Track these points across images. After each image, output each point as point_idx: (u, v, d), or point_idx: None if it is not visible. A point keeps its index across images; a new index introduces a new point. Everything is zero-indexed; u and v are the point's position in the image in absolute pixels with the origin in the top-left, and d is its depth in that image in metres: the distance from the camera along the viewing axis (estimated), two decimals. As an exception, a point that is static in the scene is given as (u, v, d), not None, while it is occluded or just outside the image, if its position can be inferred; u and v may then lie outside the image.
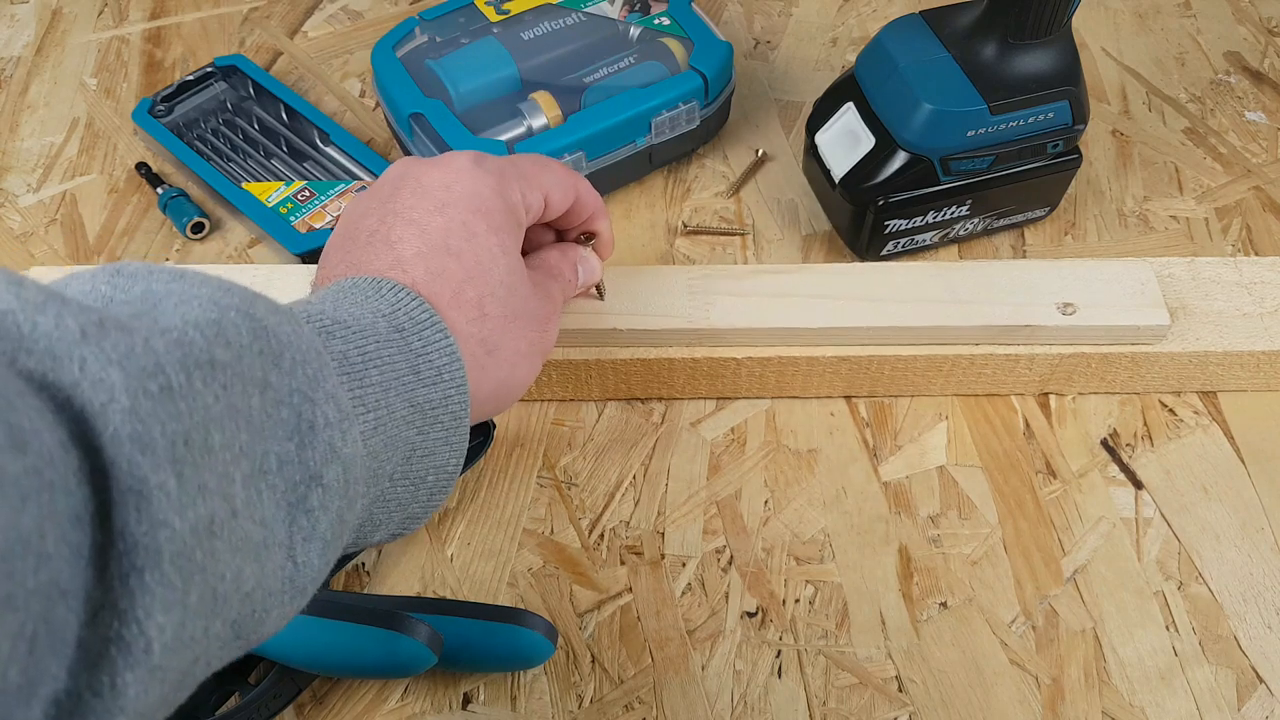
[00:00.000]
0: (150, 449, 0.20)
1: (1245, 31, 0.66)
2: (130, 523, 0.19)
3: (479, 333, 0.34)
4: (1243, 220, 0.55)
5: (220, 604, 0.22)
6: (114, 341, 0.20)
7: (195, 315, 0.23)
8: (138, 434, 0.20)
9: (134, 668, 0.19)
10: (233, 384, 0.23)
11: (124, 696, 0.19)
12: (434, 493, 0.32)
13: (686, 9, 0.57)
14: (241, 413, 0.23)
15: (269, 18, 0.69)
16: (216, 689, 0.38)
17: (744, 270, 0.48)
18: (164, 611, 0.20)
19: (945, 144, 0.47)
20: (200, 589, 0.21)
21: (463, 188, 0.35)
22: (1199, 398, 0.48)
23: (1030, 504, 0.45)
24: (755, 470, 0.46)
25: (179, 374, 0.21)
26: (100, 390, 0.20)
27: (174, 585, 0.20)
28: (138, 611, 0.19)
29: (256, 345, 0.24)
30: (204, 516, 0.21)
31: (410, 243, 0.34)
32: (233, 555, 0.22)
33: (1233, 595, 0.42)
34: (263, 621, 0.24)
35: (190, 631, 0.21)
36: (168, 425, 0.20)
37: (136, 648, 0.19)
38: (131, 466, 0.19)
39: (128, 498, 0.19)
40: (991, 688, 0.40)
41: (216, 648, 0.23)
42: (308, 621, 0.36)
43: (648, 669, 0.41)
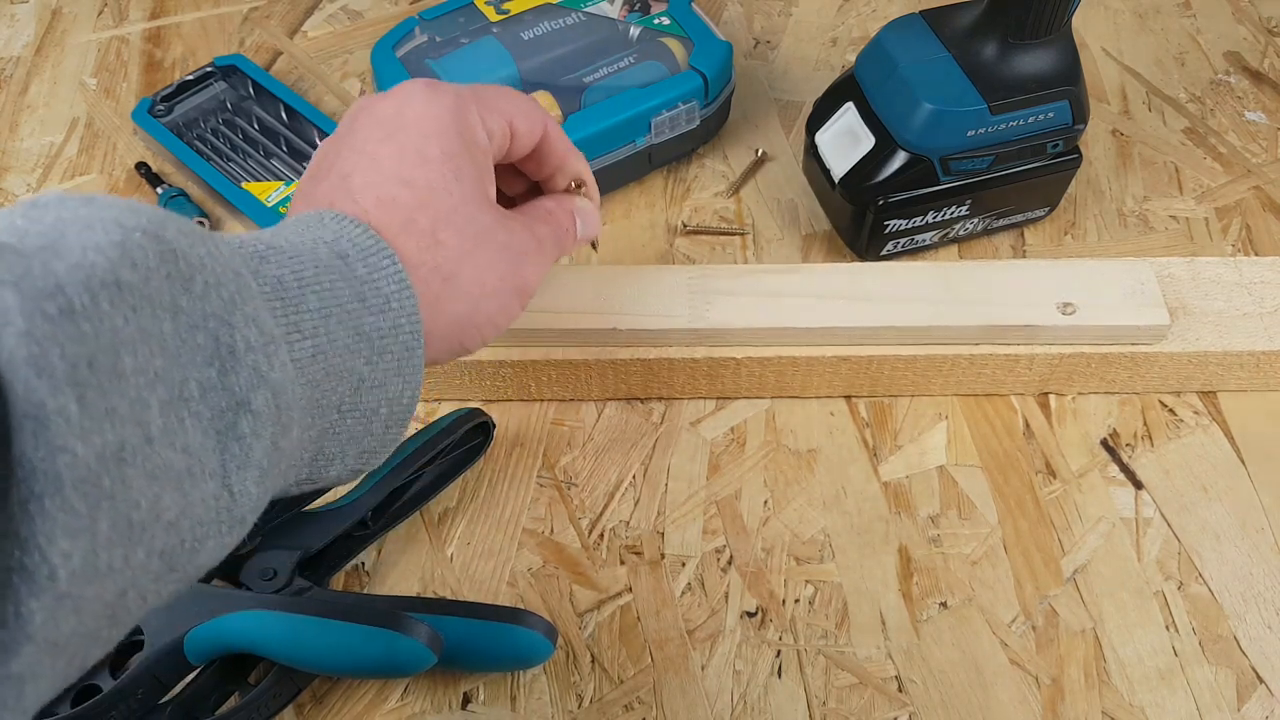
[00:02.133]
0: (48, 372, 0.19)
1: (1245, 31, 0.66)
2: (28, 449, 0.19)
3: (432, 260, 0.32)
4: (1243, 220, 0.55)
5: (138, 532, 0.21)
6: (9, 264, 0.20)
7: (98, 239, 0.22)
8: (34, 356, 0.19)
9: (38, 595, 0.19)
10: (141, 307, 0.22)
11: (30, 624, 0.19)
12: (389, 426, 0.31)
13: (686, 9, 0.57)
14: (154, 337, 0.22)
15: (269, 18, 0.69)
16: (216, 689, 0.38)
17: (744, 270, 0.48)
18: (68, 538, 0.19)
19: (945, 144, 0.47)
20: (111, 516, 0.20)
21: (414, 112, 0.34)
22: (1199, 398, 0.48)
23: (1030, 504, 0.45)
24: (755, 470, 0.46)
25: (81, 295, 0.20)
26: None
27: (78, 512, 0.19)
28: (39, 539, 0.19)
29: (164, 268, 0.23)
30: (112, 442, 0.20)
31: (361, 174, 0.33)
32: (149, 483, 0.21)
33: (1233, 595, 0.42)
34: (196, 552, 0.23)
35: (106, 560, 0.20)
36: (68, 348, 0.19)
37: (40, 575, 0.19)
38: (28, 391, 0.19)
39: (25, 424, 0.19)
40: (991, 688, 0.40)
41: (148, 580, 0.22)
42: (308, 621, 0.36)
43: (647, 669, 0.41)
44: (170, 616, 0.37)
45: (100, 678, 0.37)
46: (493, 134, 0.36)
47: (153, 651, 0.36)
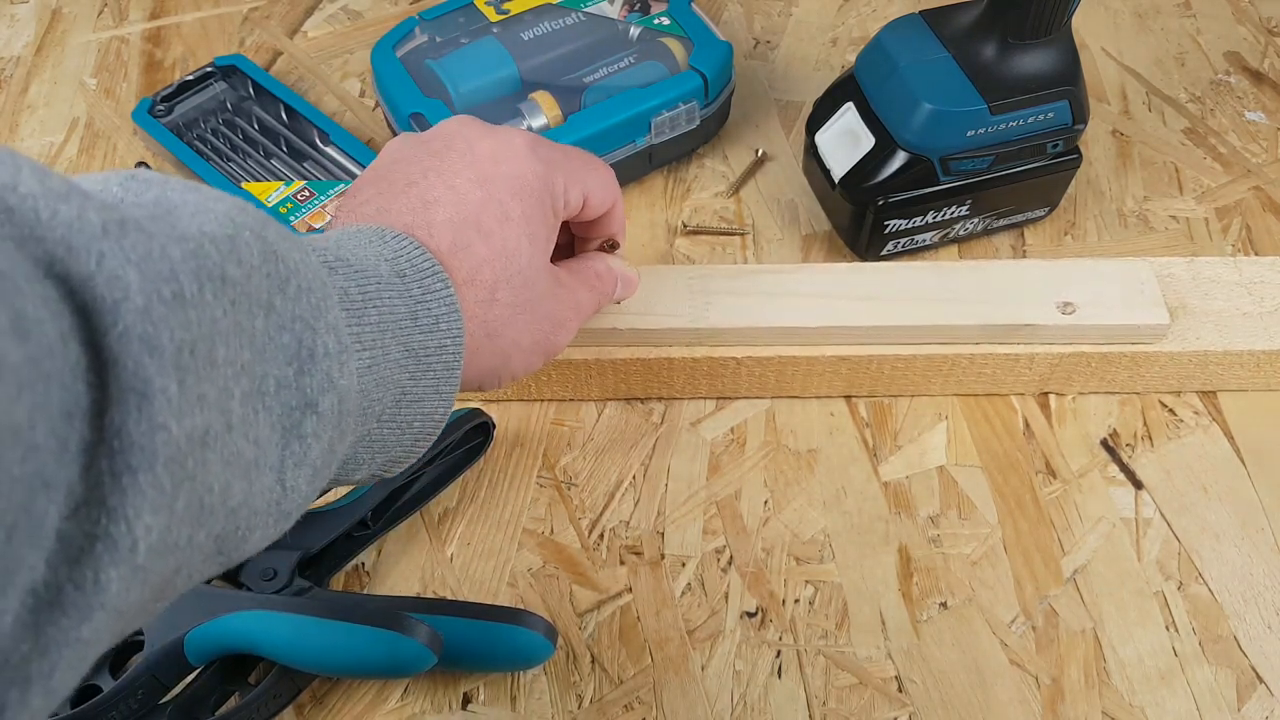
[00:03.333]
0: (158, 352, 0.20)
1: (1245, 31, 0.66)
2: (129, 422, 0.19)
3: (483, 315, 0.34)
4: (1243, 220, 0.55)
5: (206, 515, 0.22)
6: (133, 241, 0.20)
7: (211, 229, 0.23)
8: (148, 335, 0.20)
9: (119, 564, 0.19)
10: (240, 301, 0.23)
11: (106, 592, 0.19)
12: (418, 439, 0.32)
13: (686, 9, 0.57)
14: (246, 331, 0.23)
15: (269, 18, 0.69)
16: (216, 689, 0.38)
17: (744, 270, 0.48)
18: (153, 513, 0.20)
19: (945, 144, 0.47)
20: (188, 497, 0.21)
21: (510, 167, 0.35)
22: (1199, 397, 0.48)
23: (1030, 504, 0.45)
24: (755, 470, 0.46)
25: (192, 283, 0.21)
26: (115, 287, 0.20)
27: (164, 489, 0.20)
28: (128, 510, 0.19)
29: (265, 268, 0.24)
30: (200, 426, 0.21)
31: (444, 208, 0.34)
32: (223, 469, 0.22)
33: (1233, 595, 0.42)
34: (245, 540, 0.24)
35: (175, 537, 0.21)
36: (176, 332, 0.20)
37: (123, 545, 0.19)
38: (137, 367, 0.19)
39: (128, 397, 0.19)
40: (991, 688, 0.40)
41: (199, 559, 0.23)
42: (308, 621, 0.36)
43: (647, 669, 0.41)
44: (170, 616, 0.37)
45: (100, 678, 0.37)
46: (569, 203, 0.38)
47: (153, 651, 0.36)
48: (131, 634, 0.37)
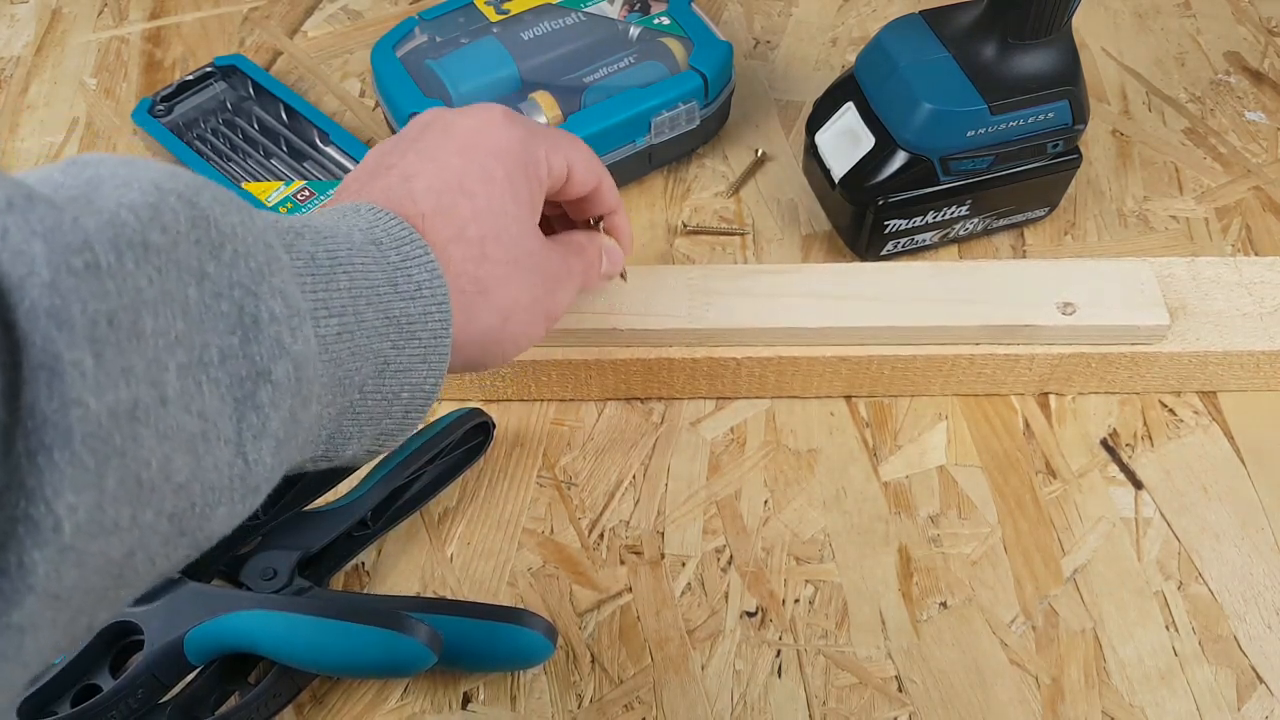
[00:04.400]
0: (67, 325, 0.19)
1: (1245, 31, 0.66)
2: (40, 399, 0.19)
3: (474, 271, 0.34)
4: (1243, 220, 0.55)
5: (147, 492, 0.21)
6: (41, 215, 0.20)
7: (132, 198, 0.22)
8: (55, 309, 0.19)
9: (42, 546, 0.19)
10: (168, 269, 0.22)
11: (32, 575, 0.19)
12: (409, 411, 0.32)
13: (686, 9, 0.57)
14: (178, 301, 0.22)
15: (269, 18, 0.69)
16: (216, 689, 0.38)
17: (744, 270, 0.48)
18: (75, 491, 0.19)
19: (945, 144, 0.47)
20: (120, 473, 0.20)
21: (490, 135, 0.35)
22: (1199, 398, 0.48)
23: (1030, 504, 0.45)
24: (755, 470, 0.46)
25: (108, 253, 0.21)
26: (20, 262, 0.19)
27: (86, 466, 0.19)
28: (46, 490, 0.19)
29: (194, 234, 0.23)
30: (125, 400, 0.20)
31: (425, 177, 0.34)
32: (159, 443, 0.21)
33: (1233, 595, 0.42)
34: (208, 518, 0.23)
35: (112, 517, 0.20)
36: (90, 304, 0.20)
37: (45, 526, 0.19)
38: (45, 342, 0.19)
39: (39, 374, 0.19)
40: (991, 688, 0.40)
41: (157, 541, 0.22)
42: (308, 621, 0.36)
43: (647, 669, 0.41)
44: (170, 616, 0.37)
45: (100, 677, 0.37)
46: (552, 170, 0.38)
47: (153, 651, 0.36)
48: (131, 634, 0.37)
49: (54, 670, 0.36)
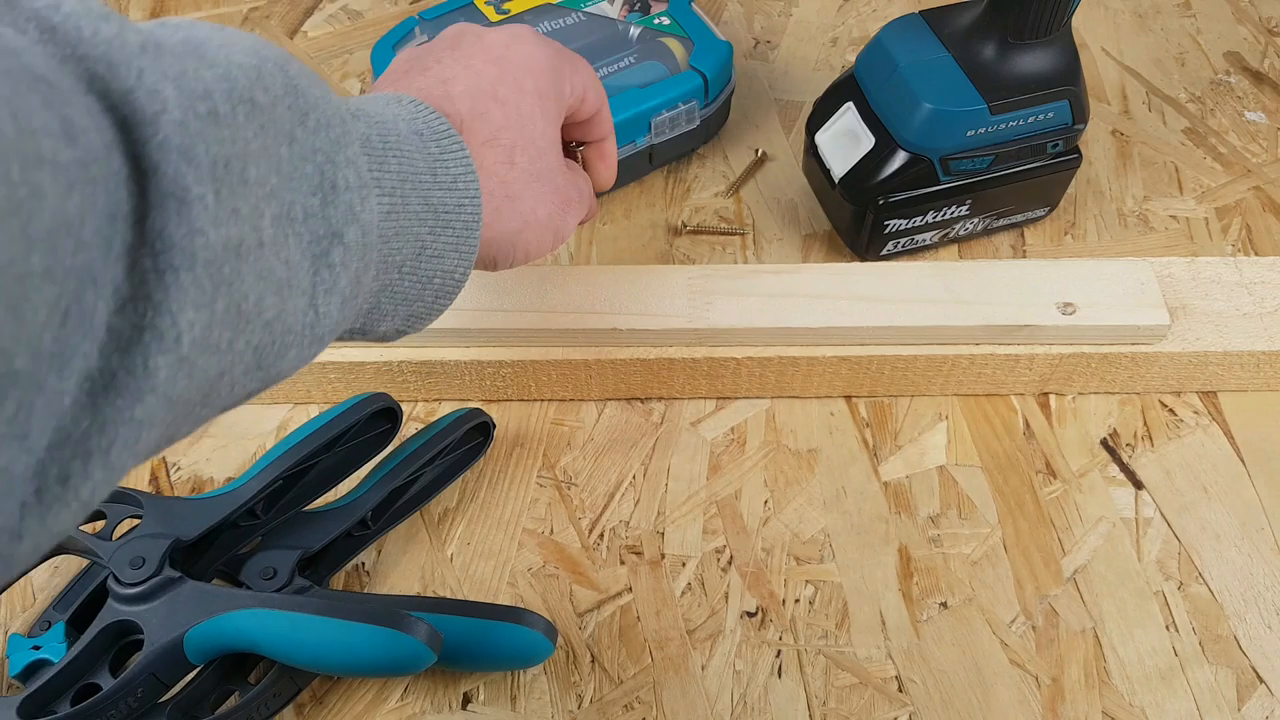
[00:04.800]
0: (195, 162, 0.21)
1: (1245, 31, 0.66)
2: (170, 225, 0.21)
3: (503, 175, 0.36)
4: (1243, 220, 0.55)
5: (243, 322, 0.24)
6: (169, 62, 0.22)
7: (238, 58, 0.24)
8: (185, 146, 0.21)
9: (165, 353, 0.21)
10: (268, 127, 0.24)
11: (155, 377, 0.21)
12: (439, 295, 0.34)
13: (686, 9, 0.57)
14: (273, 157, 0.25)
15: (269, 18, 0.69)
16: (216, 688, 0.38)
17: (744, 270, 0.48)
18: (194, 309, 0.22)
19: (945, 144, 0.47)
20: (226, 300, 0.23)
21: (521, 49, 0.37)
22: (1199, 398, 0.48)
23: (1030, 504, 0.45)
24: (755, 470, 0.46)
25: (224, 103, 0.23)
26: (155, 100, 0.21)
27: (204, 288, 0.22)
28: (171, 305, 0.21)
29: (288, 99, 0.26)
30: (234, 237, 0.23)
31: (461, 81, 0.35)
32: (256, 281, 0.24)
33: (1233, 595, 0.42)
34: (282, 356, 0.26)
35: (216, 338, 0.23)
36: (211, 146, 0.22)
37: (169, 336, 0.21)
38: (176, 174, 0.21)
39: (168, 202, 0.21)
40: (991, 688, 0.40)
41: (240, 369, 0.25)
42: (308, 621, 0.36)
43: (647, 669, 0.41)
44: (170, 616, 0.37)
45: (100, 677, 0.37)
46: (574, 90, 0.39)
47: (153, 651, 0.36)
48: (131, 633, 0.37)
49: (54, 670, 0.36)
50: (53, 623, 0.40)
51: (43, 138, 0.18)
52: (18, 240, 0.17)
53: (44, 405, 0.19)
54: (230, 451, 0.47)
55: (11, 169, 0.17)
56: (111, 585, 0.37)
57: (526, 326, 0.45)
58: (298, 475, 0.42)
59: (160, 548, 0.38)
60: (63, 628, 0.39)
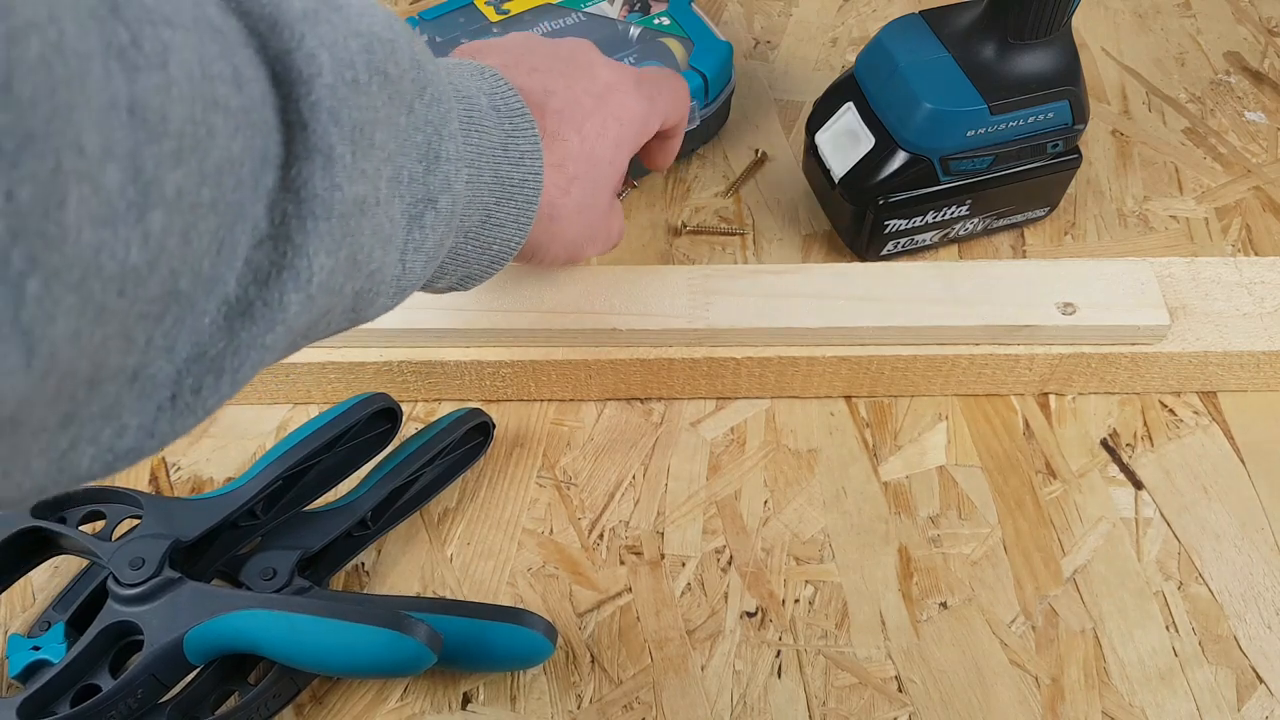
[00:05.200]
0: (340, 124, 0.24)
1: (1245, 31, 0.66)
2: (315, 178, 0.23)
3: (553, 198, 0.38)
4: (1243, 220, 0.55)
5: (355, 270, 0.26)
6: (325, 30, 0.24)
7: (378, 30, 0.26)
8: (334, 109, 0.24)
9: (299, 290, 0.24)
10: (394, 98, 0.27)
11: (287, 311, 0.24)
12: (493, 261, 0.37)
13: (686, 9, 0.57)
14: (394, 125, 0.27)
15: (269, 18, 0.69)
16: (216, 689, 0.38)
17: (744, 270, 0.48)
18: (326, 254, 0.24)
19: (945, 144, 0.47)
20: (348, 250, 0.25)
21: (621, 97, 0.40)
22: (1199, 398, 0.48)
23: (1030, 504, 0.45)
24: (755, 470, 0.46)
25: (365, 73, 0.25)
26: (312, 64, 0.23)
27: (335, 237, 0.24)
28: (309, 248, 0.23)
29: (412, 73, 0.28)
30: (361, 194, 0.25)
31: (559, 99, 0.38)
32: (371, 235, 0.26)
33: (1233, 595, 0.42)
34: (372, 303, 0.29)
35: (336, 282, 0.25)
36: (353, 111, 0.24)
37: (303, 275, 0.24)
38: (325, 133, 0.23)
39: (315, 156, 0.23)
40: (991, 688, 0.40)
41: (340, 312, 0.27)
42: (308, 622, 0.36)
43: (647, 669, 0.41)
44: (170, 616, 0.37)
45: (100, 678, 0.37)
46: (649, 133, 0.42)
47: (153, 652, 0.36)
48: (131, 634, 0.37)
49: (54, 670, 0.36)
50: (52, 623, 0.40)
51: (219, 83, 0.20)
52: (194, 174, 0.19)
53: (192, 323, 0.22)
54: (230, 451, 0.47)
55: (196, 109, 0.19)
56: (111, 586, 0.37)
57: (526, 326, 0.45)
58: (298, 475, 0.42)
59: (160, 548, 0.38)
60: (62, 628, 0.39)
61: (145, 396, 0.21)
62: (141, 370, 0.21)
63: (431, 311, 0.45)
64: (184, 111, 0.19)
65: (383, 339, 0.46)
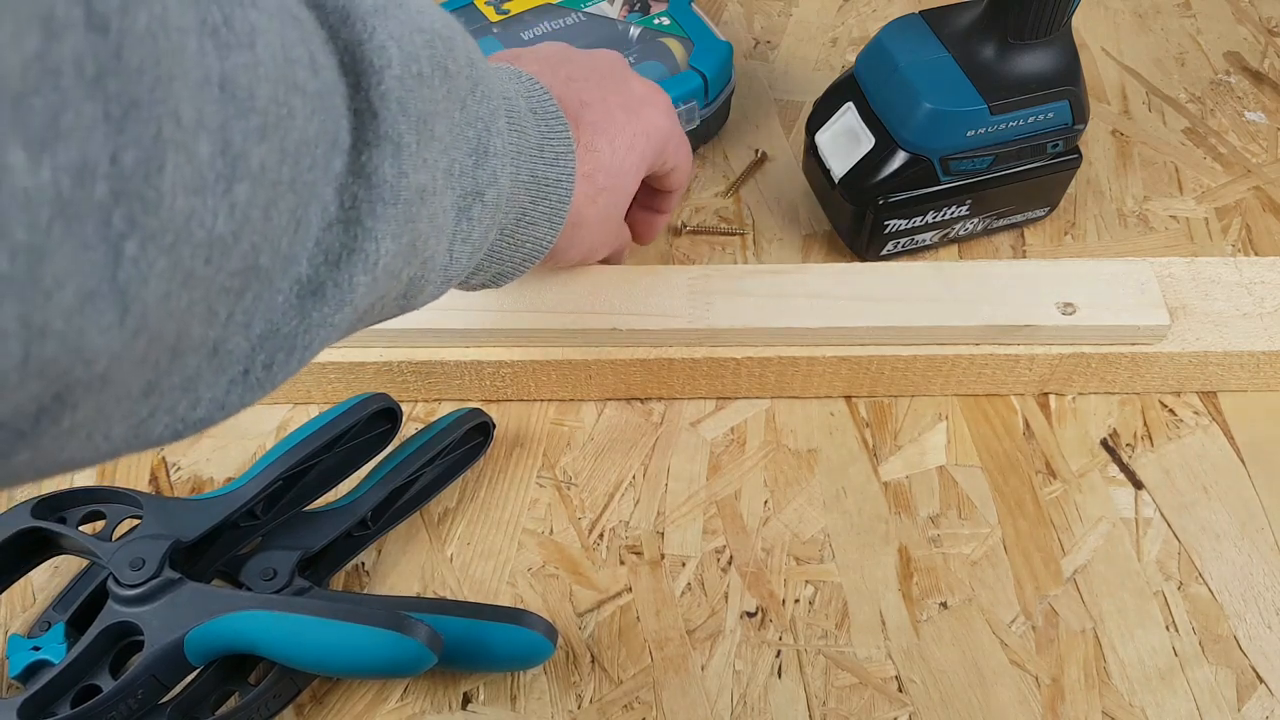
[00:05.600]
0: (407, 114, 0.25)
1: (1245, 31, 0.66)
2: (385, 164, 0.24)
3: (581, 207, 0.39)
4: (1243, 220, 0.55)
5: (413, 256, 0.27)
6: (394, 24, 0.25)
7: (439, 27, 0.27)
8: (402, 99, 0.25)
9: (366, 272, 0.24)
10: (452, 93, 0.28)
11: (355, 291, 0.24)
12: (525, 259, 0.37)
13: (686, 9, 0.57)
14: (450, 118, 0.28)
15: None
16: (216, 689, 0.38)
17: (744, 270, 0.48)
18: (391, 239, 0.25)
19: (945, 144, 0.47)
20: (409, 235, 0.26)
21: (652, 113, 0.41)
22: (1199, 398, 0.48)
23: (1030, 504, 0.45)
24: (755, 470, 0.46)
25: (428, 66, 0.26)
26: (382, 56, 0.24)
27: (399, 222, 0.25)
28: (377, 232, 0.24)
29: (467, 70, 0.29)
30: (423, 182, 0.26)
31: (594, 112, 0.39)
32: (428, 223, 0.27)
33: (1233, 595, 0.42)
34: (422, 290, 0.29)
35: (397, 266, 0.26)
36: (418, 103, 0.25)
37: (371, 258, 0.24)
38: (394, 122, 0.24)
39: (385, 144, 0.24)
40: (991, 688, 0.40)
41: (394, 296, 0.28)
42: (308, 623, 0.36)
43: (647, 669, 0.41)
44: (170, 617, 0.37)
45: (100, 678, 0.37)
46: (665, 164, 0.43)
47: (153, 651, 0.36)
48: (131, 634, 0.37)
49: (54, 671, 0.36)
50: (52, 623, 0.40)
51: (298, 67, 0.21)
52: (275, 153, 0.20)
53: (268, 299, 0.22)
54: (230, 452, 0.47)
55: (279, 90, 0.20)
56: (111, 586, 0.37)
57: (526, 326, 0.45)
58: (298, 475, 0.42)
59: (160, 549, 0.38)
60: (63, 628, 0.39)
61: (221, 370, 0.22)
62: (221, 344, 0.22)
63: (432, 311, 0.45)
64: (269, 91, 0.20)
65: (383, 339, 0.46)
